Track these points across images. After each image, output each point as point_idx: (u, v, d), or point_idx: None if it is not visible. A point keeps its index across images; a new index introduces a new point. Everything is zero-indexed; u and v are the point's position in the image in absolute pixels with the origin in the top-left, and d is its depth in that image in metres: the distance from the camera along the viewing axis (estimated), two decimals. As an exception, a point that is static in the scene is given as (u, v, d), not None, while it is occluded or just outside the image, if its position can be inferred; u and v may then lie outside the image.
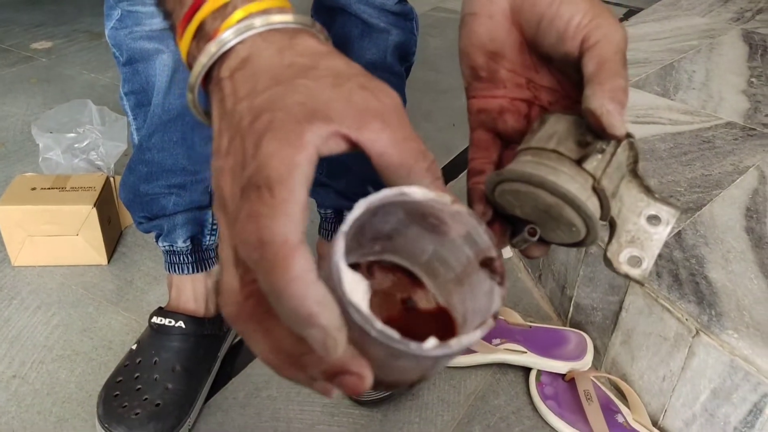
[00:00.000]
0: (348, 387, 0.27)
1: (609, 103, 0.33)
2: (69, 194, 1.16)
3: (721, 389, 0.81)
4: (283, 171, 0.26)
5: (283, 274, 0.25)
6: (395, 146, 0.29)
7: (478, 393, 0.96)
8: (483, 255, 0.31)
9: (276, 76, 0.29)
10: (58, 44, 2.08)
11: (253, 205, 0.26)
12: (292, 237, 0.25)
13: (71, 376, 0.99)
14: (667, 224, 0.38)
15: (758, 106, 1.24)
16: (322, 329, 0.25)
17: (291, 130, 0.27)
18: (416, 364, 0.28)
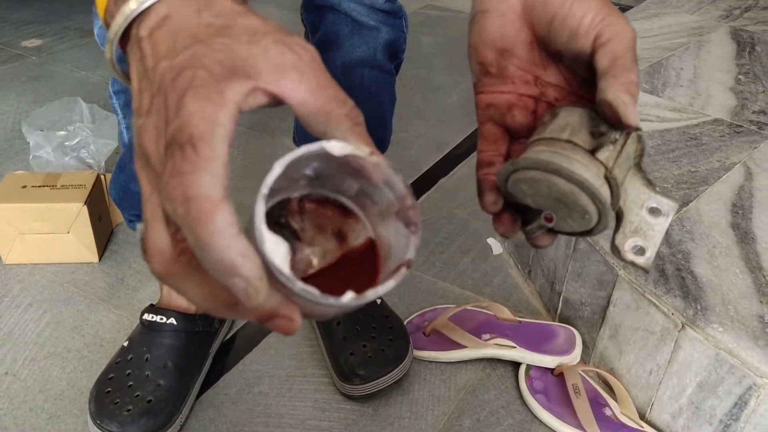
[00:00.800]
0: (279, 328, 0.29)
1: (624, 94, 0.35)
2: (60, 192, 1.16)
3: (707, 382, 0.82)
4: (205, 129, 0.27)
5: (206, 228, 0.26)
6: (312, 94, 0.30)
7: (468, 388, 0.96)
8: (401, 203, 0.32)
9: (195, 34, 0.30)
10: (48, 42, 2.07)
11: (177, 163, 0.27)
12: (214, 193, 0.26)
13: (63, 373, 0.99)
14: (667, 216, 0.40)
15: (745, 103, 1.25)
16: (243, 279, 0.26)
17: (212, 88, 0.28)
18: (340, 309, 0.30)
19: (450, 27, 2.16)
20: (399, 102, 1.03)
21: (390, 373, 0.92)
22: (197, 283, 0.29)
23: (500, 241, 1.24)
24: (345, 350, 0.94)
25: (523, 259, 1.15)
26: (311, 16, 0.90)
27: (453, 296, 1.11)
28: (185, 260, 0.29)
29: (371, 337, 0.95)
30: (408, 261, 0.30)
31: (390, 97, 0.96)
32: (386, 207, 0.33)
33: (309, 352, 1.01)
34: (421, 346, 1.00)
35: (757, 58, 1.42)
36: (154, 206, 0.29)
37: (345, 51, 0.88)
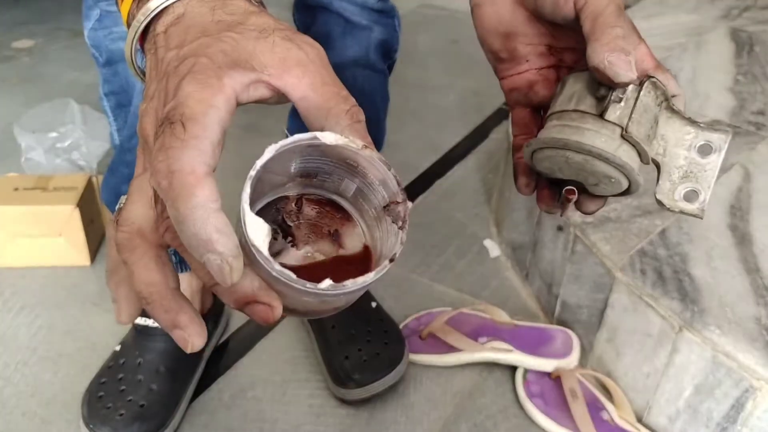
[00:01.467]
0: (258, 315, 0.29)
1: (609, 54, 0.35)
2: (51, 194, 1.15)
3: (704, 385, 0.81)
4: (198, 110, 0.28)
5: (186, 201, 0.26)
6: (315, 90, 0.31)
7: (464, 392, 0.95)
8: (392, 199, 0.32)
9: (205, 29, 0.31)
10: (39, 43, 2.06)
11: (166, 139, 0.27)
12: (199, 168, 0.27)
13: (55, 377, 0.98)
14: (719, 151, 0.38)
15: (744, 104, 1.24)
16: (218, 255, 0.26)
17: (211, 73, 0.29)
18: (320, 300, 0.30)
19: (446, 27, 2.15)
20: (394, 103, 1.02)
21: (385, 377, 0.91)
22: (148, 266, 0.30)
23: (497, 243, 1.23)
24: (340, 354, 0.93)
25: (521, 262, 1.15)
26: (303, 16, 0.90)
27: (449, 299, 1.10)
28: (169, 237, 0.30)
29: (366, 341, 0.94)
30: (393, 255, 0.30)
31: (383, 97, 0.96)
32: (380, 209, 0.33)
33: (303, 356, 1.00)
34: (417, 349, 0.99)
35: (755, 59, 1.41)
36: (140, 183, 0.31)
37: (337, 51, 0.87)
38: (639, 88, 0.37)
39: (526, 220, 1.12)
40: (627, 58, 0.35)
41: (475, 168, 1.45)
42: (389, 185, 0.31)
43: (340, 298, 0.30)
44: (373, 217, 0.33)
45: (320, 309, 0.32)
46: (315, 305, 0.31)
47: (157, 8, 0.33)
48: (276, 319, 0.29)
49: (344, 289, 0.28)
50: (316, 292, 0.28)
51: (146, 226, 0.31)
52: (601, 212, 0.97)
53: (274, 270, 0.27)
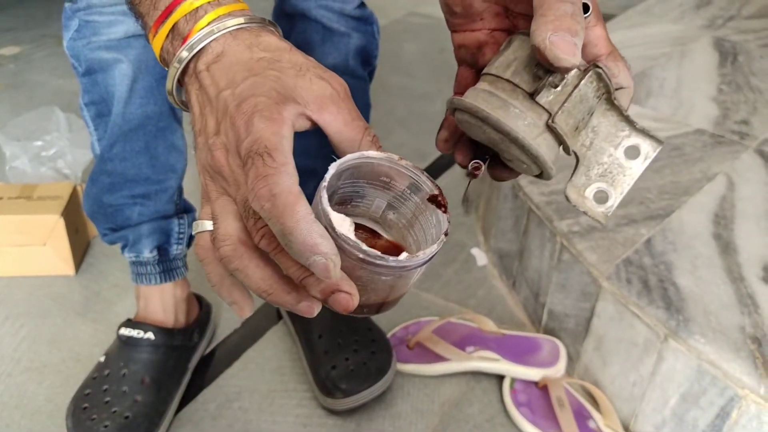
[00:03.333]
0: (340, 303, 0.33)
1: (553, 33, 0.32)
2: (36, 204, 1.14)
3: (690, 394, 0.81)
4: (275, 141, 0.33)
5: (292, 216, 0.31)
6: (347, 125, 0.37)
7: (451, 401, 0.95)
8: (429, 194, 0.37)
9: (250, 68, 0.36)
10: (25, 50, 2.04)
11: (259, 169, 0.32)
12: (294, 189, 0.32)
13: (39, 388, 0.97)
14: (645, 158, 0.36)
15: (727, 113, 1.25)
16: (324, 255, 0.31)
17: (273, 110, 0.34)
18: (393, 279, 0.35)
19: (433, 35, 2.15)
20: (382, 110, 1.02)
21: (372, 386, 0.91)
22: (259, 265, 0.35)
23: (484, 252, 1.23)
24: (327, 364, 0.92)
25: (508, 271, 1.15)
26: (281, 24, 0.90)
27: (437, 308, 1.10)
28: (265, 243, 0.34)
29: (353, 350, 0.93)
30: (446, 230, 0.36)
31: (364, 104, 0.96)
32: (411, 215, 0.39)
33: (290, 366, 1.00)
34: (405, 359, 0.99)
35: (739, 68, 1.43)
36: (223, 205, 0.36)
37: (317, 59, 0.87)
38: (581, 76, 0.34)
39: (513, 228, 1.12)
40: (572, 39, 0.33)
41: (461, 176, 1.45)
42: (422, 186, 0.37)
43: (408, 275, 0.35)
44: (403, 226, 0.39)
45: (389, 295, 0.37)
46: (388, 287, 0.35)
47: (198, 47, 0.37)
48: (354, 307, 0.33)
49: (418, 260, 0.34)
50: (396, 265, 0.33)
51: (243, 236, 0.35)
52: (588, 222, 0.98)
53: (361, 251, 0.33)
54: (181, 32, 0.38)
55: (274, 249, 0.34)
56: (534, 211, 1.04)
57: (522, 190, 1.07)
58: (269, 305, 1.10)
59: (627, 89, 0.37)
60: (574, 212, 1.00)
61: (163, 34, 0.38)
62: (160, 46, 0.39)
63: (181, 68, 0.38)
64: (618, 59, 0.37)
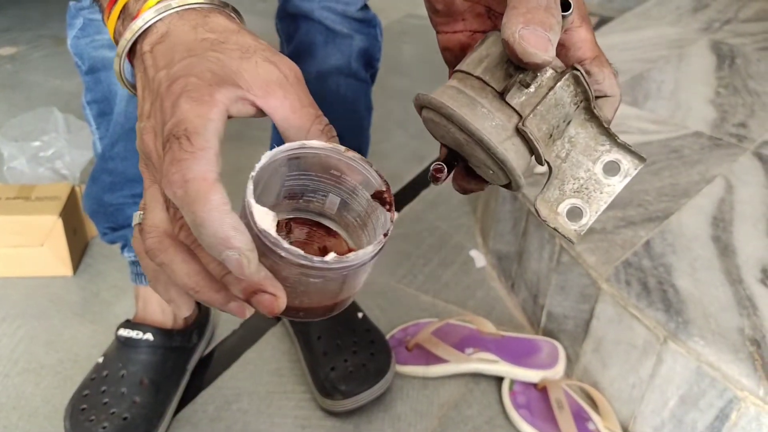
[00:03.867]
0: (263, 305, 0.31)
1: (524, 27, 0.30)
2: (34, 204, 1.14)
3: (689, 395, 0.82)
4: (198, 124, 0.31)
5: (203, 205, 0.29)
6: (295, 112, 0.34)
7: (451, 403, 0.95)
8: (377, 189, 0.34)
9: (191, 48, 0.34)
10: (22, 50, 2.04)
11: (175, 153, 0.30)
12: (209, 176, 0.30)
13: (37, 389, 0.96)
14: (625, 176, 0.33)
15: (725, 116, 1.26)
16: (236, 249, 0.29)
17: (203, 91, 0.32)
18: (323, 282, 0.32)
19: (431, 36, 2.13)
20: (380, 112, 1.02)
21: (371, 388, 0.91)
22: (185, 259, 0.32)
23: (483, 253, 1.23)
24: (326, 365, 0.92)
25: (506, 272, 1.15)
26: (285, 25, 0.90)
27: (435, 310, 1.10)
28: (184, 235, 0.32)
29: (352, 352, 0.93)
30: (387, 231, 0.32)
31: (366, 105, 0.96)
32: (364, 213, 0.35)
33: (289, 367, 1.00)
34: (404, 360, 0.99)
35: (736, 71, 1.43)
36: (153, 193, 0.34)
37: (319, 60, 0.87)
38: (558, 78, 0.32)
39: (511, 230, 1.12)
40: (544, 33, 0.30)
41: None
42: (372, 182, 0.34)
43: (343, 277, 0.32)
44: (358, 225, 0.36)
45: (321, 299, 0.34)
46: (318, 289, 0.32)
47: (142, 28, 0.35)
48: (280, 310, 0.31)
49: (348, 262, 0.30)
50: (323, 266, 0.30)
51: (170, 228, 0.33)
52: (587, 223, 0.98)
53: (282, 249, 0.30)
54: (130, 12, 0.36)
55: (193, 242, 0.32)
56: (533, 212, 1.04)
57: (521, 191, 1.07)
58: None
59: (612, 98, 0.35)
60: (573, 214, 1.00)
61: (114, 16, 0.37)
62: (113, 27, 0.37)
63: (126, 48, 0.36)
64: (604, 65, 0.34)
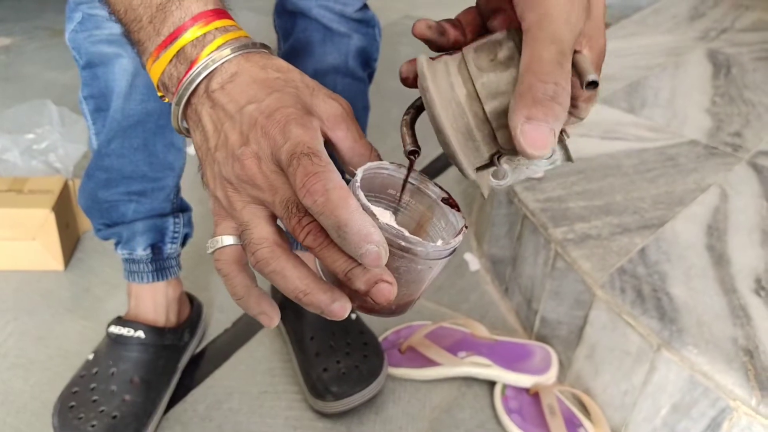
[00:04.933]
0: (382, 293, 0.34)
1: (526, 122, 0.32)
2: (26, 197, 1.12)
3: (681, 404, 0.82)
4: (316, 144, 0.35)
5: (346, 209, 0.33)
6: (356, 142, 0.40)
7: (442, 406, 0.95)
8: (441, 197, 0.40)
9: (270, 85, 0.38)
10: (17, 41, 2.02)
11: (308, 168, 0.34)
12: (344, 185, 0.34)
13: (26, 385, 0.95)
14: (552, 163, 0.38)
15: (720, 125, 1.26)
16: (377, 243, 0.33)
17: (306, 119, 0.36)
18: (425, 269, 0.37)
19: (429, 38, 2.15)
20: (377, 113, 1.02)
21: (363, 390, 0.90)
22: (295, 265, 0.36)
23: (478, 257, 1.23)
24: (318, 366, 0.92)
25: (501, 276, 1.15)
26: (283, 21, 0.89)
27: (429, 312, 1.10)
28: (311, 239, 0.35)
29: (345, 353, 0.93)
30: (464, 226, 0.38)
31: (363, 104, 0.95)
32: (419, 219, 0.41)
33: (281, 367, 0.99)
34: (396, 363, 0.99)
35: (732, 81, 1.44)
36: (252, 211, 0.37)
37: (317, 58, 0.87)
38: None
39: (506, 234, 1.12)
40: (547, 126, 0.32)
41: (455, 181, 1.45)
42: (428, 194, 0.41)
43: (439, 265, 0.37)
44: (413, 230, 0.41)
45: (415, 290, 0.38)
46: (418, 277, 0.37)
47: (213, 67, 0.38)
48: (393, 297, 0.35)
49: (450, 247, 0.36)
50: (434, 250, 0.35)
51: (278, 239, 0.37)
52: (583, 230, 0.98)
53: (404, 239, 0.35)
54: (188, 56, 0.39)
55: (320, 244, 0.35)
56: (529, 217, 1.04)
57: (517, 196, 1.07)
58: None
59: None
60: (569, 220, 1.00)
61: (166, 59, 0.39)
62: (161, 70, 0.40)
63: (190, 89, 0.39)
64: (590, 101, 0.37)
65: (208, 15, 0.39)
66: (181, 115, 0.41)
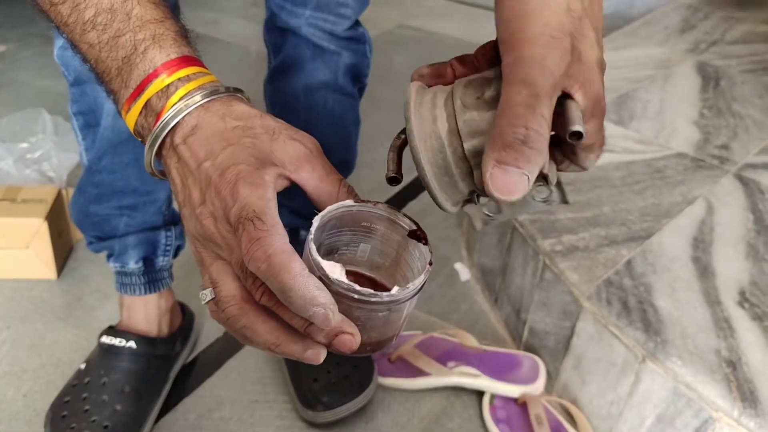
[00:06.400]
0: (344, 344, 0.35)
1: (495, 166, 0.31)
2: (20, 206, 1.13)
3: (666, 415, 0.83)
4: (262, 205, 0.35)
5: (288, 274, 0.33)
6: (322, 181, 0.39)
7: (431, 416, 0.96)
8: (408, 230, 0.40)
9: (226, 138, 0.38)
10: (11, 48, 2.02)
11: (251, 233, 0.34)
12: (287, 248, 0.34)
13: (18, 393, 0.96)
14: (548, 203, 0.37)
15: (708, 138, 1.28)
16: (323, 305, 0.33)
17: (255, 175, 0.36)
18: (388, 314, 0.37)
19: (423, 48, 2.17)
20: (370, 123, 1.02)
21: (354, 400, 0.91)
22: (264, 320, 0.36)
23: (468, 267, 1.24)
24: (309, 376, 0.93)
25: (490, 287, 1.16)
26: (273, 37, 0.90)
27: (419, 321, 1.11)
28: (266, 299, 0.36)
29: (335, 363, 0.94)
30: (429, 260, 0.38)
31: (354, 119, 0.96)
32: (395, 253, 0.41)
33: (272, 377, 1.00)
34: (386, 372, 0.99)
35: (720, 93, 1.46)
36: (219, 268, 0.38)
37: (307, 74, 0.88)
38: None
39: (496, 244, 1.14)
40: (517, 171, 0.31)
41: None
42: (401, 224, 0.40)
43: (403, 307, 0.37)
44: (390, 265, 0.42)
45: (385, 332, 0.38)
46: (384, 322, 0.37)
47: (173, 123, 0.38)
48: (356, 346, 0.35)
49: (408, 291, 0.36)
50: (390, 299, 0.35)
51: (245, 294, 0.37)
52: (570, 241, 0.99)
53: (356, 292, 0.35)
54: (154, 109, 0.39)
55: (275, 304, 0.35)
56: (518, 228, 1.05)
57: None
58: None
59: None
60: (557, 232, 1.01)
61: (136, 111, 0.40)
62: (134, 121, 0.40)
63: (157, 143, 0.39)
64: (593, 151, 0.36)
65: (172, 65, 0.39)
66: (156, 162, 0.41)
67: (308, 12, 0.84)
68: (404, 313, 0.38)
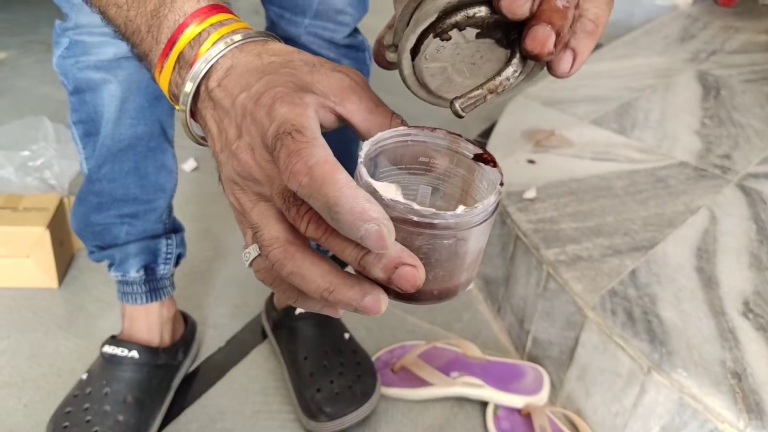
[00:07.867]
0: (405, 278, 0.30)
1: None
2: (21, 215, 1.13)
3: (671, 426, 0.83)
4: (302, 120, 0.32)
5: (333, 185, 0.29)
6: (372, 112, 0.36)
7: (435, 427, 0.96)
8: (474, 155, 0.35)
9: (263, 70, 0.35)
10: (12, 55, 2.02)
11: (290, 146, 0.30)
12: (330, 158, 0.30)
13: (19, 404, 0.95)
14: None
15: (710, 147, 1.28)
16: (375, 220, 0.29)
17: (294, 96, 0.33)
18: (455, 242, 0.32)
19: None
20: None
21: (357, 410, 0.91)
22: (314, 262, 0.32)
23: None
24: (312, 386, 0.92)
25: (493, 296, 1.16)
26: None
27: (422, 331, 1.11)
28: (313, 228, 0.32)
29: (339, 373, 0.93)
30: (501, 182, 0.33)
31: None
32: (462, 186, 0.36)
33: (275, 387, 1.00)
34: (389, 382, 0.99)
35: (721, 103, 1.46)
36: (261, 210, 0.34)
37: None
38: None
39: (499, 254, 1.13)
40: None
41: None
42: (463, 154, 0.36)
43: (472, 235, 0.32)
44: (457, 200, 0.37)
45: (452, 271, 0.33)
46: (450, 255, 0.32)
47: (207, 66, 0.36)
48: (421, 282, 0.31)
49: (477, 212, 0.31)
50: (455, 220, 0.31)
51: (290, 236, 0.33)
52: (574, 251, 0.99)
53: (414, 212, 0.30)
54: (187, 60, 0.37)
55: (324, 233, 0.31)
56: (521, 238, 1.05)
57: (510, 217, 1.08)
58: (254, 321, 1.10)
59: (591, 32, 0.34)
60: (561, 241, 1.01)
61: (169, 67, 0.37)
62: (168, 80, 0.38)
63: (191, 92, 0.37)
64: None
65: (203, 12, 0.37)
66: (190, 122, 0.38)
67: (307, 20, 0.84)
68: (473, 247, 0.33)
